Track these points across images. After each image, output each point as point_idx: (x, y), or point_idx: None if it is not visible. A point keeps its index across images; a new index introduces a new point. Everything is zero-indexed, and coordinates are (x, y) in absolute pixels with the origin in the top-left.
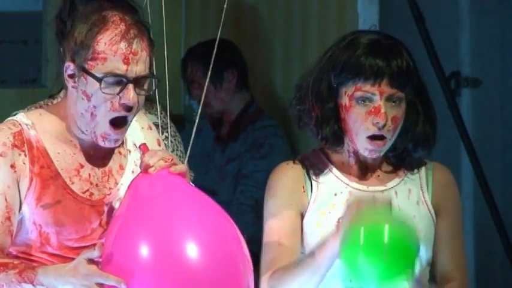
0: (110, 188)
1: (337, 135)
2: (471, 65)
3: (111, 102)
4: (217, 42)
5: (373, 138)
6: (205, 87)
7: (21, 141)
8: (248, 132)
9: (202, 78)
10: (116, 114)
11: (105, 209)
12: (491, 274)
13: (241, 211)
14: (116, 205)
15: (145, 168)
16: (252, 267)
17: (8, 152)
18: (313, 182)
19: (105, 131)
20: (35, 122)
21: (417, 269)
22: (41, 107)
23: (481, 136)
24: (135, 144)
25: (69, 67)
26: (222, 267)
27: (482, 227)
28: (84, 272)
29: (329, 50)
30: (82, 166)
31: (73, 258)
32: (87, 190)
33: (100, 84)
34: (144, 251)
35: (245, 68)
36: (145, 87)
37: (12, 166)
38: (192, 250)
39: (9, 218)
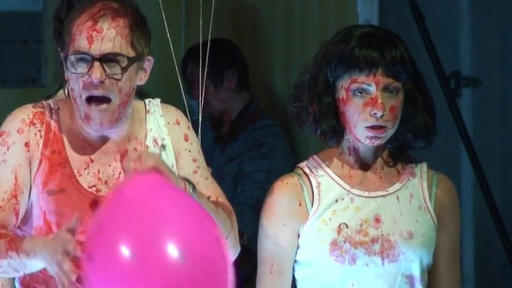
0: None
1: (336, 129)
2: (471, 65)
3: (82, 81)
4: (209, 44)
5: (372, 127)
6: (209, 87)
7: (40, 122)
8: (248, 132)
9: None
10: (88, 94)
11: None
12: (491, 274)
13: (241, 211)
14: None
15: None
16: (230, 269)
17: (25, 129)
18: (314, 191)
19: (85, 111)
20: (60, 108)
21: (419, 272)
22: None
23: (481, 136)
24: (155, 141)
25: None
26: (199, 266)
27: (482, 227)
28: (60, 238)
29: (324, 46)
30: (92, 161)
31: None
32: (94, 185)
33: (66, 64)
34: (122, 251)
35: (245, 68)
36: (122, 65)
37: (27, 144)
38: (168, 249)
39: (15, 196)
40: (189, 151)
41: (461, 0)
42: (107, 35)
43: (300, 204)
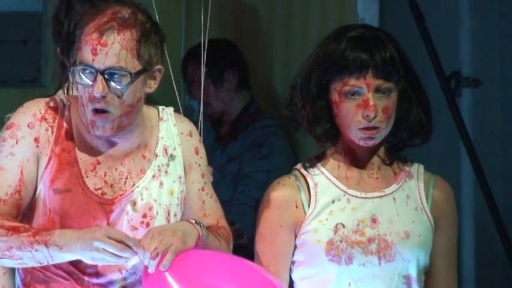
0: (125, 190)
1: (330, 132)
2: (471, 65)
3: (88, 92)
4: (206, 43)
5: (365, 128)
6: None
7: (52, 117)
8: (248, 132)
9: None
10: (93, 106)
11: (115, 208)
12: (491, 274)
13: (241, 211)
14: (127, 207)
15: (145, 269)
16: None
17: (35, 124)
18: (311, 192)
19: (90, 117)
20: (72, 105)
21: (415, 272)
22: None
23: (481, 136)
24: (165, 150)
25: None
26: None
27: (482, 227)
28: (96, 229)
29: (316, 48)
30: (99, 163)
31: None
32: (100, 188)
33: (71, 74)
34: None
35: (245, 68)
36: (124, 81)
37: (36, 140)
38: None
39: (19, 192)
40: (199, 165)
41: (461, 0)
42: (111, 49)
43: (297, 206)
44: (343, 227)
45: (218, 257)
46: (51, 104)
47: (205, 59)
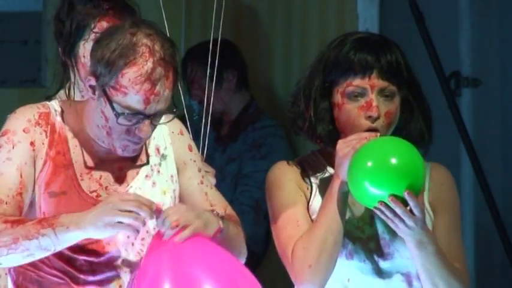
0: (120, 191)
1: (332, 134)
2: (471, 65)
3: (127, 129)
4: (218, 43)
5: None
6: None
7: (45, 122)
8: (248, 132)
9: (203, 78)
10: (130, 138)
11: None
12: (491, 274)
13: (241, 211)
14: None
15: (158, 234)
16: None
17: (30, 129)
18: (312, 183)
19: (123, 143)
20: (64, 111)
21: (415, 269)
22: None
23: (481, 136)
24: (157, 149)
25: (90, 80)
26: None
27: (482, 227)
28: (117, 193)
29: (318, 55)
30: (95, 165)
31: (71, 257)
32: (95, 191)
33: (117, 118)
34: None
35: (245, 68)
36: (166, 119)
37: (32, 144)
38: None
39: (20, 194)
40: (194, 161)
41: (461, 0)
42: (162, 97)
43: (308, 188)
44: (346, 222)
45: (212, 251)
46: (43, 110)
47: (209, 59)
